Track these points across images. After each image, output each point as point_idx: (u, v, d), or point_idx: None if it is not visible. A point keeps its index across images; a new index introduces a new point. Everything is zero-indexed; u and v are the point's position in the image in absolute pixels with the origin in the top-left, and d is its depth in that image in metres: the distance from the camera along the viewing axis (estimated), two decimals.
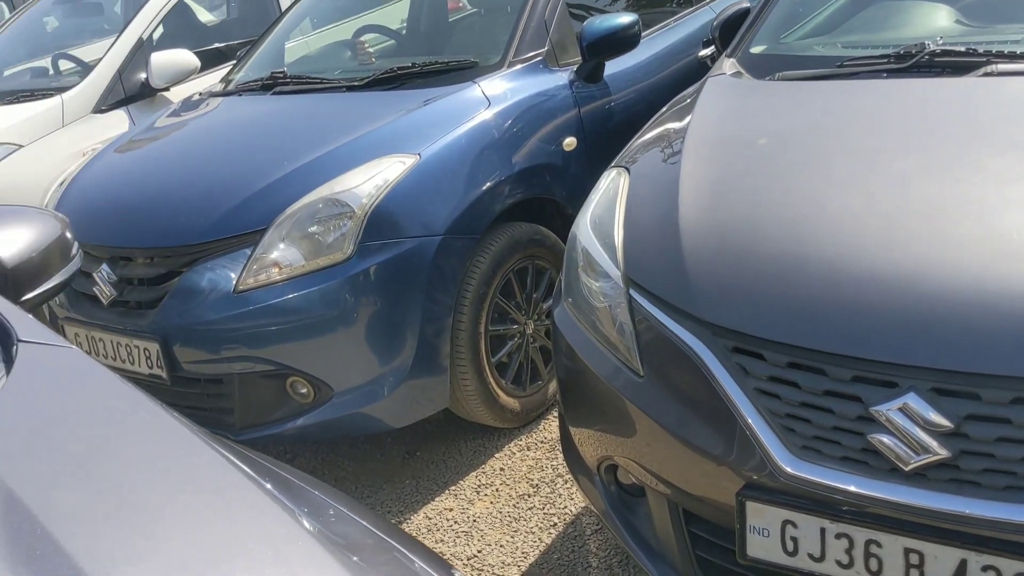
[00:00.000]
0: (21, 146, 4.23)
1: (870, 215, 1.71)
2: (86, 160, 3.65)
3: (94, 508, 1.00)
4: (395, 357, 2.66)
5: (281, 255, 2.63)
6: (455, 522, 2.64)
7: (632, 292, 1.87)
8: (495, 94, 2.98)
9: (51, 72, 5.04)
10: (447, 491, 2.79)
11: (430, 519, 2.68)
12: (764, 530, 1.64)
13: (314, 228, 2.64)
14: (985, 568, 1.44)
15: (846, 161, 1.89)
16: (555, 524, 2.55)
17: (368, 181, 2.65)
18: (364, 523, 1.18)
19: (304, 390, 2.67)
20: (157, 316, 2.70)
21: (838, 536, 1.56)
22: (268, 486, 1.15)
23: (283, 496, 1.14)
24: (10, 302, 1.39)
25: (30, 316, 1.37)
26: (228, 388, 2.72)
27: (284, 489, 1.17)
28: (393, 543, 1.15)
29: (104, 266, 2.85)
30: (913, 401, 1.46)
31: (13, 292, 1.54)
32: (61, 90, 4.47)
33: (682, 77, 3.46)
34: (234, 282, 2.63)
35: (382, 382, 2.67)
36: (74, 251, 1.71)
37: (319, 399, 2.67)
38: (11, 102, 4.51)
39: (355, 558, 1.04)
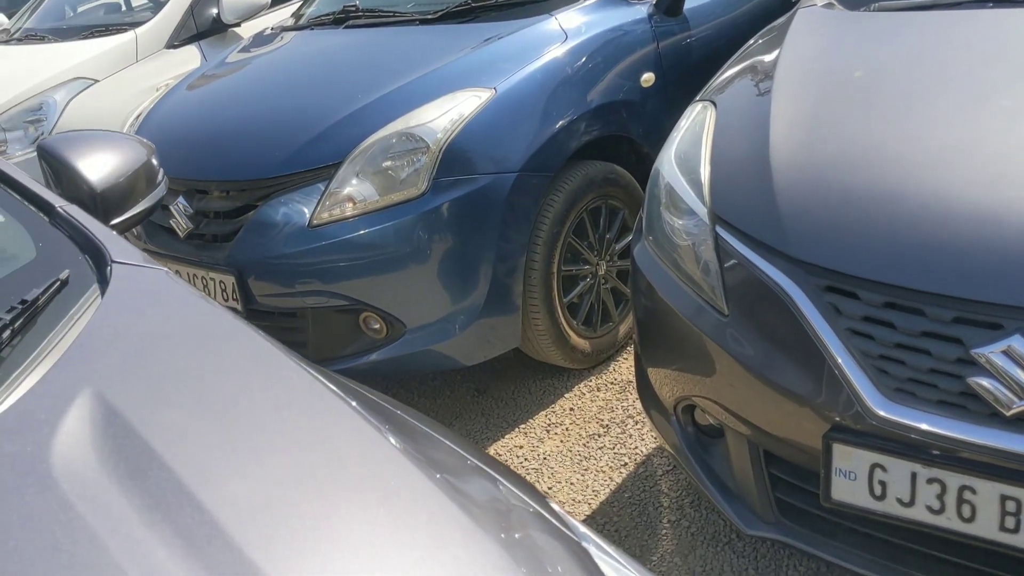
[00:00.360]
0: (96, 80, 4.28)
1: (975, 152, 1.63)
2: (160, 94, 3.67)
3: (196, 425, 1.00)
4: (468, 295, 2.65)
5: (355, 190, 2.62)
6: (525, 459, 2.65)
7: (719, 229, 1.82)
8: (572, 27, 2.90)
9: (123, 8, 5.08)
10: (517, 429, 2.80)
11: (500, 455, 2.69)
12: (851, 473, 1.60)
13: (388, 163, 2.62)
14: None
15: (948, 96, 1.80)
16: (625, 464, 2.54)
17: (443, 116, 2.62)
18: (448, 443, 1.18)
19: (377, 326, 2.68)
20: (232, 249, 2.73)
21: (930, 481, 1.52)
22: (354, 404, 1.15)
23: (370, 415, 1.13)
24: (102, 224, 1.40)
25: (122, 238, 1.38)
26: (302, 322, 2.74)
27: (369, 408, 1.17)
28: (480, 464, 1.15)
29: (180, 198, 2.88)
30: (1019, 343, 1.40)
31: (102, 216, 1.55)
32: (134, 25, 4.51)
33: (763, 12, 3.33)
34: (308, 216, 2.63)
35: (454, 320, 2.66)
36: (160, 178, 1.72)
37: (392, 335, 2.68)
38: (85, 37, 4.56)
39: (439, 475, 1.03)
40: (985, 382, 1.43)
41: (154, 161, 1.70)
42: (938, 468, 1.50)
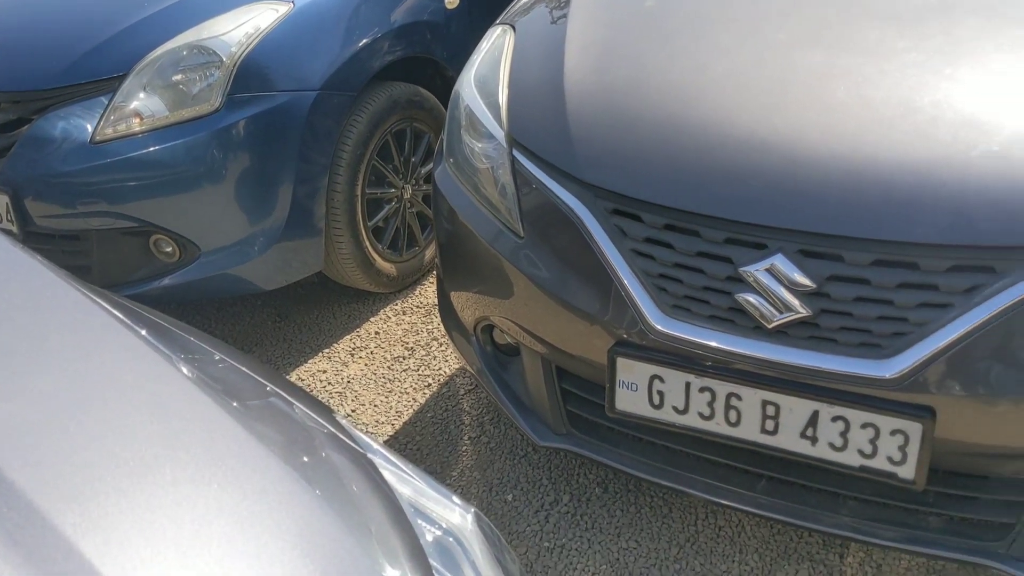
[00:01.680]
0: None
1: (749, 82, 1.73)
2: None
3: None
4: (267, 217, 2.58)
5: (142, 104, 2.48)
6: (329, 383, 2.64)
7: (515, 153, 1.85)
8: None
9: None
10: (320, 354, 2.78)
11: (303, 380, 2.67)
12: (633, 385, 1.71)
13: (178, 77, 2.48)
14: (835, 419, 1.55)
15: (730, 28, 1.90)
16: (429, 385, 2.59)
17: (238, 28, 2.50)
18: (244, 369, 1.16)
19: (169, 248, 2.57)
20: (6, 166, 2.52)
21: (702, 390, 1.64)
22: (143, 332, 1.11)
23: (159, 342, 1.10)
24: None
25: None
26: (86, 245, 2.59)
27: (160, 335, 1.13)
28: (274, 388, 1.14)
29: None
30: (780, 262, 1.52)
31: None
32: None
33: None
34: (90, 132, 2.47)
35: (252, 242, 2.59)
36: None
37: (185, 258, 2.58)
38: None
39: (235, 403, 1.02)
40: (751, 298, 1.55)
41: None
42: (709, 378, 1.63)
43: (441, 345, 2.75)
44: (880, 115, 1.59)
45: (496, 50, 2.09)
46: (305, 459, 0.98)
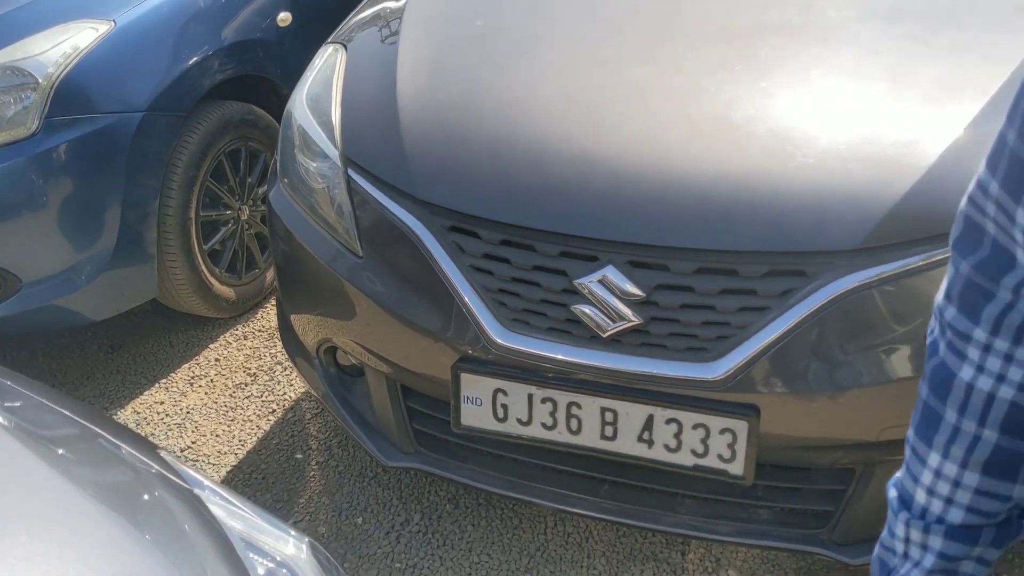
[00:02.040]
0: None
1: (577, 99, 1.79)
2: None
3: None
4: (93, 244, 2.46)
5: None
6: (166, 415, 2.53)
7: (351, 172, 1.84)
8: None
9: None
10: (157, 384, 2.66)
11: (139, 413, 2.55)
12: (477, 399, 1.72)
13: None
14: (668, 421, 1.61)
15: (559, 46, 1.95)
16: (274, 411, 2.53)
17: (54, 48, 2.38)
18: (67, 413, 1.10)
19: None
20: None
21: (544, 401, 1.68)
22: None
23: None
24: None
25: None
26: None
27: None
28: (98, 431, 1.09)
29: None
30: (611, 273, 1.57)
31: None
32: None
33: None
34: None
35: (79, 271, 2.46)
36: None
37: (4, 291, 2.42)
38: None
39: (60, 450, 0.97)
40: (586, 309, 1.60)
41: None
42: (550, 388, 1.66)
43: (285, 370, 2.69)
44: (700, 130, 1.67)
45: (328, 69, 2.07)
46: (134, 501, 0.94)
